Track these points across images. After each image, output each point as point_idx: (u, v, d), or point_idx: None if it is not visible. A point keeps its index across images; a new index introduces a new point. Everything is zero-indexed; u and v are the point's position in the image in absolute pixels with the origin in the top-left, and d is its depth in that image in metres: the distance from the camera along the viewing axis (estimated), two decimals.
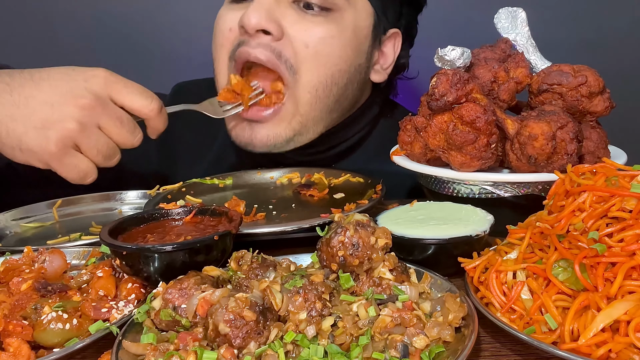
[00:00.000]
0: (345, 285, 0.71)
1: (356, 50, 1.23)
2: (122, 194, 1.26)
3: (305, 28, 1.16)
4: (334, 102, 1.24)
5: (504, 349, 0.69)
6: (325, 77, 1.19)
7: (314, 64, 1.18)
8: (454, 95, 0.93)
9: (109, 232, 0.80)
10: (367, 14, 1.23)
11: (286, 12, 1.16)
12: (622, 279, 0.62)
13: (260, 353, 0.60)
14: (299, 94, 1.19)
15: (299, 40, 1.16)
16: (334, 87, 1.22)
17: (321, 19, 1.17)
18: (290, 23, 1.16)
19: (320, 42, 1.17)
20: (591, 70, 0.99)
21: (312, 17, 1.17)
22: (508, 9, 1.10)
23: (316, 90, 1.20)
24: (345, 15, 1.19)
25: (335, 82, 1.21)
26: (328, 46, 1.18)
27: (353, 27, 1.20)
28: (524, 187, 0.95)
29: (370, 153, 1.42)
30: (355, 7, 1.20)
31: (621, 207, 0.68)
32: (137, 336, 0.67)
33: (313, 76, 1.18)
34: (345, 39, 1.20)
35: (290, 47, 1.16)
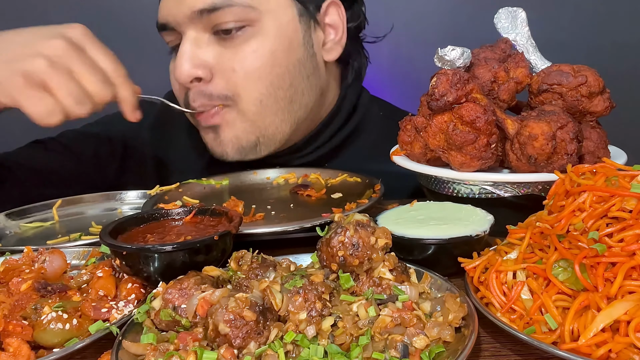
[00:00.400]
0: (345, 285, 0.71)
1: (288, 48, 1.22)
2: (122, 194, 1.26)
3: (228, 57, 1.19)
4: (288, 103, 1.25)
5: (504, 349, 0.69)
6: (265, 87, 1.21)
7: (249, 82, 1.20)
8: (454, 95, 0.93)
9: (109, 232, 0.80)
10: (286, 9, 1.22)
11: (208, 50, 1.19)
12: (622, 279, 0.62)
13: (260, 353, 0.60)
14: (243, 108, 1.22)
15: (228, 70, 1.19)
16: (279, 90, 1.23)
17: (239, 40, 1.18)
18: (215, 58, 1.19)
19: (246, 61, 1.19)
20: (591, 70, 0.99)
21: (231, 42, 1.18)
22: (508, 9, 1.10)
23: (260, 102, 1.22)
24: (263, 23, 1.19)
25: (278, 87, 1.22)
26: (255, 61, 1.19)
27: (275, 30, 1.20)
28: (524, 187, 0.95)
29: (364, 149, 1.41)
30: (269, 9, 1.20)
31: (621, 207, 0.68)
32: (137, 336, 0.67)
33: (253, 92, 1.20)
34: (271, 46, 1.20)
35: (221, 81, 1.20)
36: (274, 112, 1.24)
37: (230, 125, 1.24)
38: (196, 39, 1.19)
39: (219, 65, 1.19)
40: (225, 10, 1.15)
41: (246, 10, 1.16)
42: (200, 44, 1.19)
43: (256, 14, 1.18)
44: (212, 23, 1.17)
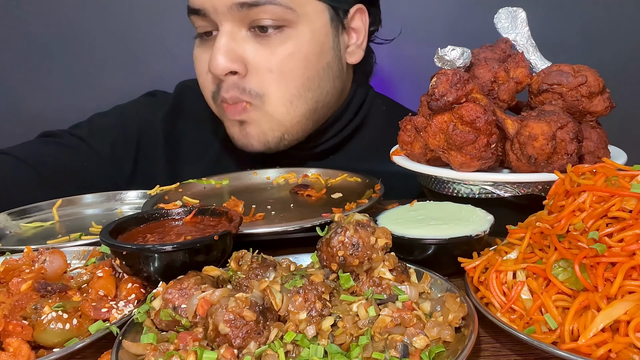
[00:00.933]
0: (345, 285, 0.71)
1: (319, 52, 1.26)
2: (122, 194, 1.26)
3: (265, 56, 1.21)
4: (314, 103, 1.29)
5: (504, 349, 0.69)
6: (295, 89, 1.25)
7: (281, 84, 1.23)
8: (454, 95, 0.93)
9: (109, 232, 0.80)
10: (320, 13, 1.25)
11: (245, 45, 1.21)
12: (622, 279, 0.62)
13: (260, 353, 0.60)
14: (271, 109, 1.24)
15: (263, 68, 1.22)
16: (309, 92, 1.27)
17: (277, 41, 1.21)
18: (251, 55, 1.21)
19: (282, 63, 1.22)
20: (591, 70, 0.99)
21: (268, 41, 1.21)
22: (508, 9, 1.10)
23: (290, 103, 1.25)
24: (299, 27, 1.22)
25: (308, 89, 1.26)
26: (290, 63, 1.22)
27: (310, 34, 1.23)
28: (524, 187, 0.95)
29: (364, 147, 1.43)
30: (307, 14, 1.22)
31: (621, 207, 0.68)
32: (137, 336, 0.67)
33: (284, 93, 1.24)
34: (306, 49, 1.23)
35: (255, 77, 1.22)
36: (302, 113, 1.28)
37: (257, 123, 1.27)
38: (232, 33, 1.20)
39: (254, 62, 1.22)
40: (266, 7, 1.17)
41: (286, 11, 1.19)
42: (236, 38, 1.21)
43: (294, 16, 1.20)
44: (250, 18, 1.19)
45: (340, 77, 1.34)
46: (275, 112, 1.25)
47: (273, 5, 1.17)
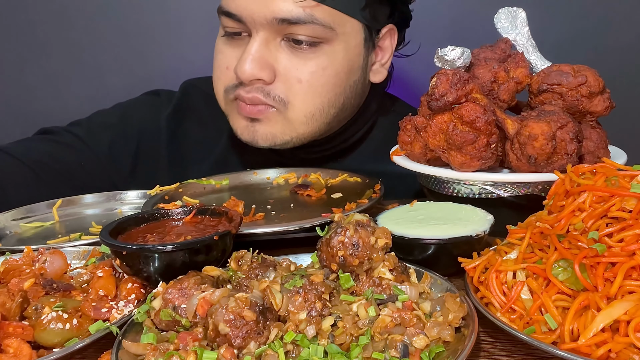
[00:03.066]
0: (345, 285, 0.71)
1: (349, 70, 1.26)
2: (122, 194, 1.26)
3: (297, 66, 1.20)
4: (332, 118, 1.29)
5: (504, 349, 0.69)
6: (321, 104, 1.24)
7: (308, 96, 1.22)
8: (454, 95, 0.93)
9: (109, 232, 0.80)
10: (357, 33, 1.24)
11: (277, 54, 1.20)
12: (622, 279, 0.62)
13: (260, 353, 0.60)
14: (292, 116, 1.23)
15: (292, 78, 1.20)
16: (332, 109, 1.27)
17: (311, 54, 1.20)
18: (283, 63, 1.20)
19: (313, 76, 1.21)
20: (591, 70, 0.99)
21: (302, 53, 1.20)
22: (508, 9, 1.10)
23: (312, 115, 1.25)
24: (334, 44, 1.21)
25: (332, 105, 1.26)
26: (321, 78, 1.22)
27: (344, 52, 1.23)
28: (524, 187, 0.95)
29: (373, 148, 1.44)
30: (345, 32, 1.22)
31: (621, 207, 0.68)
32: (137, 336, 0.67)
33: (308, 105, 1.23)
34: (337, 66, 1.23)
35: (282, 85, 1.21)
36: (318, 126, 1.27)
37: (271, 124, 1.25)
38: (266, 40, 1.19)
39: (284, 71, 1.20)
40: (307, 26, 1.16)
41: (325, 30, 1.18)
42: (269, 46, 1.20)
43: (332, 35, 1.20)
44: (287, 31, 1.18)
45: (362, 94, 1.35)
46: (294, 121, 1.24)
47: (314, 25, 1.17)
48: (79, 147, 1.40)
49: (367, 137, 1.45)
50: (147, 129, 1.47)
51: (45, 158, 1.34)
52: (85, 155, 1.40)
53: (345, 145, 1.42)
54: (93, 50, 1.96)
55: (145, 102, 1.53)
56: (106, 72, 1.96)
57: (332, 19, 1.18)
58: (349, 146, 1.43)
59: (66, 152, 1.38)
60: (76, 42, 1.95)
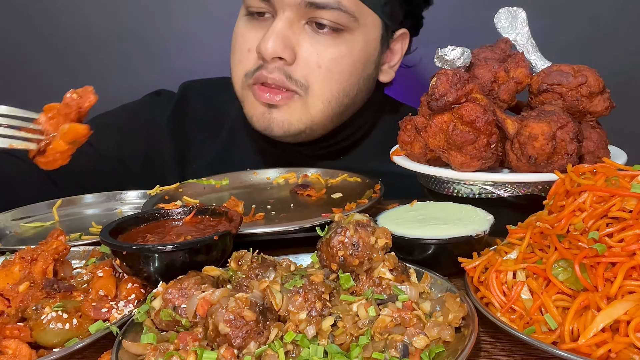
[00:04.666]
0: (345, 285, 0.71)
1: (366, 63, 1.30)
2: (122, 194, 1.26)
3: (318, 51, 1.23)
4: (344, 108, 1.32)
5: (504, 349, 0.69)
6: (337, 91, 1.28)
7: (326, 82, 1.26)
8: (454, 95, 0.93)
9: (109, 232, 0.80)
10: (376, 27, 1.29)
11: (300, 36, 1.23)
12: (622, 279, 0.62)
13: (260, 353, 0.60)
14: (311, 102, 1.26)
15: (312, 62, 1.24)
16: (345, 98, 1.30)
17: (332, 41, 1.24)
18: (304, 46, 1.23)
19: (332, 62, 1.24)
20: (591, 70, 0.99)
21: (324, 39, 1.23)
22: (508, 9, 1.10)
23: (329, 102, 1.28)
24: (355, 34, 1.25)
25: (346, 94, 1.30)
26: (339, 65, 1.25)
27: (363, 44, 1.27)
28: (524, 187, 0.95)
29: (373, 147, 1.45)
30: (366, 24, 1.26)
31: (621, 207, 0.68)
32: (137, 336, 0.67)
33: (326, 91, 1.26)
34: (355, 56, 1.27)
35: (302, 68, 1.24)
36: (331, 115, 1.31)
37: (290, 112, 1.27)
38: (291, 22, 1.22)
39: (305, 54, 1.23)
40: (332, 11, 1.20)
41: (349, 18, 1.22)
42: (293, 28, 1.22)
43: (355, 24, 1.23)
44: (312, 15, 1.21)
45: (369, 90, 1.38)
46: (312, 107, 1.27)
47: (340, 11, 1.20)
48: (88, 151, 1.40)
49: (367, 136, 1.47)
50: (151, 129, 1.48)
51: None
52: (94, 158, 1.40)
53: (345, 144, 1.44)
54: (98, 51, 1.96)
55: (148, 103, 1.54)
56: (112, 73, 1.96)
57: (356, 8, 1.22)
58: (350, 144, 1.45)
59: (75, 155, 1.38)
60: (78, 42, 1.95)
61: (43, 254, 0.80)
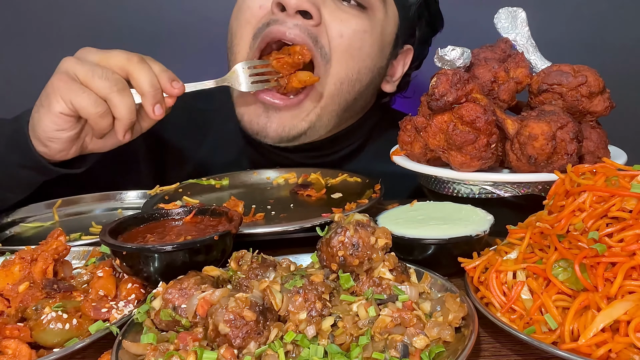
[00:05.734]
0: (345, 285, 0.71)
1: (381, 51, 1.27)
2: (122, 194, 1.26)
3: (342, 18, 1.18)
4: (352, 100, 1.27)
5: (504, 349, 0.69)
6: (352, 71, 1.21)
7: (344, 56, 1.19)
8: (454, 95, 0.93)
9: (109, 232, 0.80)
10: (394, 21, 1.28)
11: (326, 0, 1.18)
12: (622, 279, 0.62)
13: (260, 353, 0.60)
14: (325, 84, 1.20)
15: (335, 29, 1.17)
16: (357, 83, 1.24)
17: (357, 12, 1.20)
18: (328, 11, 1.17)
19: (354, 34, 1.19)
20: (591, 70, 0.99)
21: (348, 9, 1.19)
22: (508, 9, 1.10)
23: (341, 84, 1.22)
24: (377, 15, 1.23)
25: (359, 79, 1.24)
26: (360, 40, 1.20)
27: (382, 29, 1.25)
28: (524, 187, 0.95)
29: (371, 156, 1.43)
30: (387, 11, 1.25)
31: (621, 207, 0.68)
32: (137, 336, 0.67)
33: (342, 68, 1.20)
34: (376, 37, 1.23)
35: (325, 34, 1.17)
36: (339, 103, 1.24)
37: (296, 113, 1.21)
38: None
39: (329, 20, 1.17)
40: None
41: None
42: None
43: (378, 6, 1.21)
44: None
45: (371, 96, 1.35)
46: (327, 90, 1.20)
47: None
48: None
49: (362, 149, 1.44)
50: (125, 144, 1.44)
51: None
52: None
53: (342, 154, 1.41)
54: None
55: None
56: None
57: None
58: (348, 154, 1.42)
59: None
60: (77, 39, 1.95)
61: (43, 254, 0.80)
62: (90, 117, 0.98)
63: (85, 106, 0.97)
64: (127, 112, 0.99)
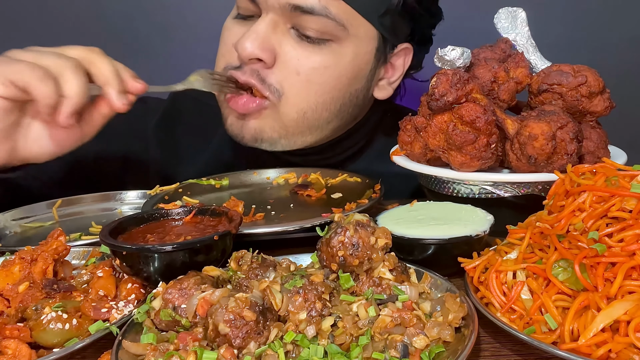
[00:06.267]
0: (345, 285, 0.71)
1: (353, 77, 1.21)
2: (122, 194, 1.26)
3: (299, 56, 1.15)
4: (325, 123, 1.24)
5: (504, 349, 0.69)
6: (315, 103, 1.19)
7: (303, 91, 1.17)
8: (454, 95, 0.93)
9: (109, 232, 0.80)
10: (369, 39, 1.19)
11: (282, 39, 1.16)
12: (622, 279, 0.62)
13: (260, 353, 0.60)
14: (284, 111, 1.19)
15: (291, 68, 1.16)
16: (325, 112, 1.22)
17: (317, 49, 1.15)
18: (285, 50, 1.16)
19: (313, 71, 1.16)
20: (591, 70, 0.99)
21: (308, 46, 1.15)
22: (508, 9, 1.10)
23: (304, 113, 1.20)
24: (344, 45, 1.16)
25: (326, 108, 1.21)
26: (321, 76, 1.17)
27: (353, 56, 1.18)
28: (524, 187, 0.95)
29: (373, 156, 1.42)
30: (357, 35, 1.17)
31: (621, 207, 0.68)
32: (137, 336, 0.67)
33: (302, 101, 1.19)
34: (342, 69, 1.18)
35: (279, 73, 1.16)
36: (308, 126, 1.23)
37: (261, 118, 1.21)
38: (275, 23, 1.14)
39: (284, 59, 1.15)
40: (319, 18, 1.11)
41: (337, 27, 1.13)
42: (276, 30, 1.15)
43: (343, 34, 1.15)
44: (298, 21, 1.14)
45: (361, 106, 1.30)
46: (285, 116, 1.20)
47: (327, 19, 1.11)
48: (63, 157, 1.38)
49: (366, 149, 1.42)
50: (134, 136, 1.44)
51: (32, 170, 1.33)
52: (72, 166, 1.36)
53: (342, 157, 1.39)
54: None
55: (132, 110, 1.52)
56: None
57: (346, 17, 1.13)
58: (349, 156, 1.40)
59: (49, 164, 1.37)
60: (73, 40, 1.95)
61: (43, 255, 0.80)
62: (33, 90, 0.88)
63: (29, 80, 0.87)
64: (79, 89, 0.92)
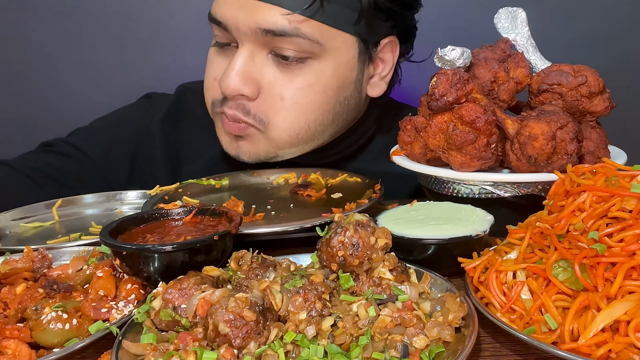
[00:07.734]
0: (345, 285, 0.71)
1: (340, 86, 1.21)
2: (122, 194, 1.26)
3: (282, 82, 1.16)
4: (320, 134, 1.25)
5: (504, 349, 0.69)
6: (306, 122, 1.20)
7: (291, 114, 1.18)
8: (454, 95, 0.93)
9: (109, 232, 0.80)
10: (349, 47, 1.19)
11: (263, 69, 1.16)
12: (622, 279, 0.62)
13: (260, 353, 0.60)
14: (274, 136, 1.21)
15: (275, 95, 1.17)
16: (318, 126, 1.23)
17: (297, 70, 1.16)
18: (267, 79, 1.16)
19: (297, 92, 1.17)
20: (591, 70, 0.99)
21: (289, 69, 1.16)
22: (508, 9, 1.10)
23: (297, 134, 1.21)
24: (324, 60, 1.16)
25: (318, 123, 1.22)
26: (306, 95, 1.17)
27: (334, 68, 1.18)
28: (524, 187, 0.95)
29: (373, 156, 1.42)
30: (335, 46, 1.16)
31: (621, 207, 0.68)
32: (137, 336, 0.67)
33: (292, 124, 1.19)
34: (326, 83, 1.18)
35: (263, 103, 1.18)
36: (305, 141, 1.24)
37: (254, 143, 1.23)
38: (252, 53, 1.15)
39: (268, 87, 1.17)
40: (292, 39, 1.11)
41: (312, 45, 1.13)
42: (255, 60, 1.16)
43: (320, 50, 1.14)
44: (273, 45, 1.14)
45: (355, 109, 1.29)
46: (277, 140, 1.21)
47: (300, 38, 1.11)
48: (76, 155, 1.39)
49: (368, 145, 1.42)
50: (141, 132, 1.46)
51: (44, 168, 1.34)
52: (83, 163, 1.39)
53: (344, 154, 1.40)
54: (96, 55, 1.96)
55: (139, 106, 1.52)
56: (108, 78, 1.96)
57: (320, 34, 1.12)
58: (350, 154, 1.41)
59: (65, 161, 1.37)
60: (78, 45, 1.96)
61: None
62: None
63: None
64: None
